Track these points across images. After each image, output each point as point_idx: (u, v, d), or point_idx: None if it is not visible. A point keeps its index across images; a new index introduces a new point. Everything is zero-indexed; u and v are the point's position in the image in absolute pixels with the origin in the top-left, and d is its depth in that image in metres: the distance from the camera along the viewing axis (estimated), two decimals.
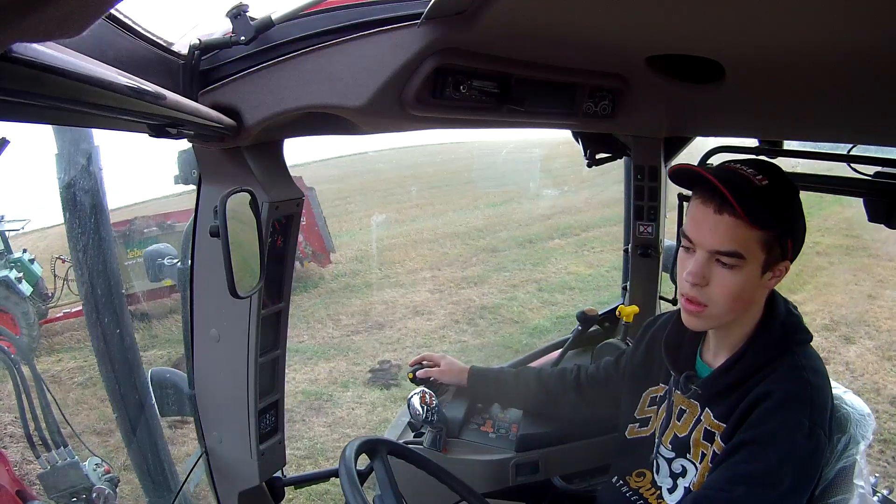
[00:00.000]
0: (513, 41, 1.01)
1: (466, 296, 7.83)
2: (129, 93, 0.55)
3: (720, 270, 0.98)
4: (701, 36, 0.93)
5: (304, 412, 5.04)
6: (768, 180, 0.98)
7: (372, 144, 20.90)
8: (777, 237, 0.98)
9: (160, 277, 1.51)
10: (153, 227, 7.23)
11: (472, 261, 9.50)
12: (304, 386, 5.52)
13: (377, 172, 17.69)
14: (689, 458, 1.09)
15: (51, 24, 0.35)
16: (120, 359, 2.13)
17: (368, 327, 6.94)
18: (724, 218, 0.96)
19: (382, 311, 7.44)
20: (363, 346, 6.32)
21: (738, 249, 0.96)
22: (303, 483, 1.58)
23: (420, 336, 6.56)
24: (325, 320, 7.18)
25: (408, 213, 13.00)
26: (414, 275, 8.88)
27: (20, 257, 7.09)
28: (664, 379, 1.21)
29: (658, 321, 1.30)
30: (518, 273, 8.75)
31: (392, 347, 6.26)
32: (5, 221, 7.13)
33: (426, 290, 8.15)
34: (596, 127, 1.57)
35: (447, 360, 1.55)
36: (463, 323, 6.95)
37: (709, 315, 1.02)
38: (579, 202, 12.67)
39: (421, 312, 7.32)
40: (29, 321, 6.45)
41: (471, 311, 7.28)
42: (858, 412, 1.12)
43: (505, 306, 7.39)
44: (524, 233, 10.97)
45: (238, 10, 0.92)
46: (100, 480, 1.70)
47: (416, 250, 10.15)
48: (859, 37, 0.78)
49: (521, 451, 1.47)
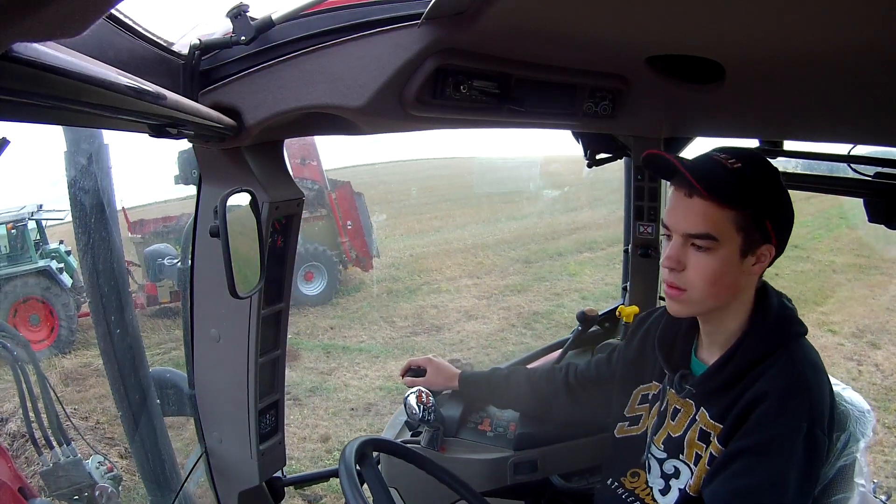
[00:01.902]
0: (513, 41, 1.01)
1: (514, 302, 8.09)
2: (129, 93, 0.55)
3: (695, 254, 0.99)
4: (701, 36, 0.94)
5: (389, 405, 5.23)
6: (741, 163, 0.98)
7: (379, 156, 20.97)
8: (752, 218, 0.97)
9: (160, 277, 1.51)
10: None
11: (510, 270, 9.78)
12: (381, 382, 5.73)
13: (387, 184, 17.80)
14: (683, 459, 1.08)
15: (51, 24, 0.35)
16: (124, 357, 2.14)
17: (426, 329, 7.18)
18: (694, 201, 0.97)
19: (434, 314, 7.72)
20: (427, 347, 6.52)
21: (709, 231, 0.97)
22: (303, 483, 1.58)
23: (482, 338, 6.81)
24: (379, 322, 7.41)
25: (430, 224, 13.26)
26: (455, 282, 9.18)
27: (57, 248, 7.05)
28: (658, 377, 1.18)
29: (651, 317, 1.28)
30: (558, 283, 9.06)
31: (457, 348, 6.48)
32: (44, 211, 7.09)
33: (472, 297, 8.43)
34: (596, 127, 1.57)
35: (434, 365, 1.54)
36: (520, 327, 7.23)
37: (688, 300, 1.01)
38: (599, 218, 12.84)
39: (474, 317, 7.59)
40: (69, 313, 6.47)
41: (524, 316, 7.55)
42: (858, 409, 1.11)
43: (555, 312, 7.70)
44: (553, 246, 11.25)
45: (238, 10, 0.92)
46: (102, 479, 1.70)
47: (450, 259, 10.45)
48: (859, 37, 0.78)
49: (519, 450, 1.47)
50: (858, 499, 1.04)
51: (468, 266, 10.12)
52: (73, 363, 6.21)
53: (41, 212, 7.07)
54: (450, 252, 10.91)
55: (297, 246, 1.24)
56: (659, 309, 1.28)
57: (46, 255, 6.85)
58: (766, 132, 1.56)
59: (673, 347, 1.15)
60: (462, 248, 11.17)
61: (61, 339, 6.47)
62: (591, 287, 8.80)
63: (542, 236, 11.95)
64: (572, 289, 8.74)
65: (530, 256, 10.61)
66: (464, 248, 11.22)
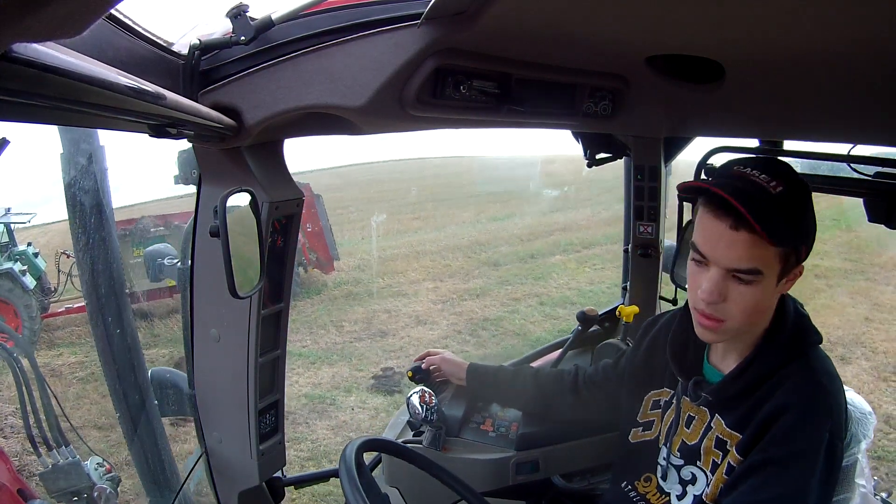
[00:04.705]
0: (513, 41, 1.01)
1: (469, 307, 7.90)
2: (129, 93, 0.55)
3: (738, 287, 0.94)
4: (701, 36, 0.93)
5: (307, 415, 5.07)
6: (783, 185, 0.93)
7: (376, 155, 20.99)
8: (794, 247, 0.95)
9: (160, 277, 1.51)
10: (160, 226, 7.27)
11: (475, 273, 9.59)
12: (308, 389, 5.55)
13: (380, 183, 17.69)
14: (700, 466, 1.07)
15: (51, 24, 0.35)
16: (122, 358, 2.14)
17: (371, 335, 7.00)
18: (740, 235, 0.91)
19: (385, 319, 7.52)
20: (366, 353, 6.38)
21: (756, 266, 0.92)
22: (303, 483, 1.58)
23: (423, 345, 6.58)
24: (328, 326, 7.25)
25: (410, 225, 13.05)
26: (416, 285, 8.96)
27: (24, 250, 7.15)
28: (669, 383, 1.17)
29: (658, 322, 1.27)
30: (520, 287, 8.79)
31: (395, 355, 6.31)
32: (11, 214, 7.19)
33: (429, 301, 8.22)
34: (596, 127, 1.57)
35: (447, 355, 1.56)
36: (465, 334, 7.01)
37: (726, 329, 0.98)
38: (582, 219, 12.67)
39: (423, 322, 7.40)
40: (31, 314, 6.51)
41: (473, 322, 7.36)
42: (859, 410, 1.12)
43: (507, 319, 7.46)
44: (526, 248, 11.00)
45: (238, 10, 0.92)
46: (101, 480, 1.70)
47: (418, 261, 10.24)
48: (859, 37, 0.78)
49: (521, 450, 1.47)
50: (859, 499, 1.05)
51: (435, 269, 9.87)
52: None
53: (8, 214, 7.15)
54: (420, 254, 10.66)
55: (297, 246, 1.24)
56: (667, 314, 1.28)
57: (13, 257, 6.92)
58: (765, 132, 1.56)
59: (685, 354, 1.13)
60: (434, 251, 10.87)
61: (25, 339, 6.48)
62: (554, 292, 8.51)
63: (517, 238, 11.73)
64: (533, 293, 8.45)
65: (500, 259, 10.35)
66: (436, 249, 10.92)
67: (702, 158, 1.70)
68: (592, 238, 11.21)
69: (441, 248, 11.11)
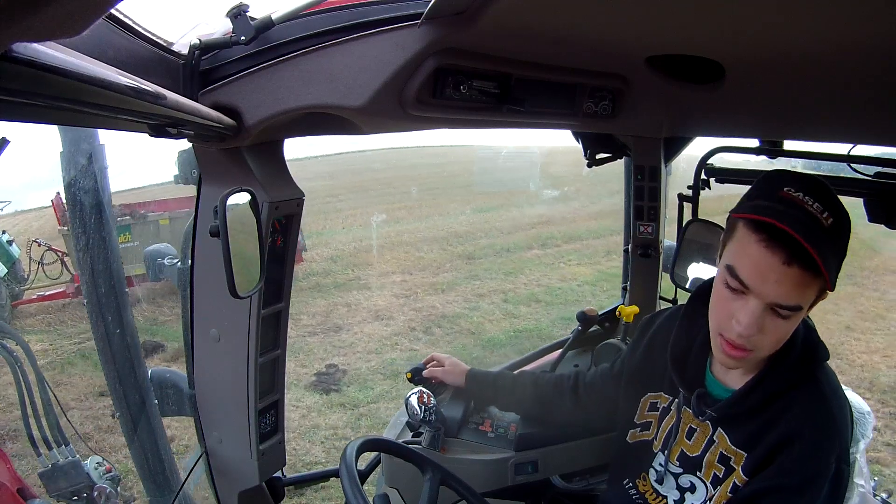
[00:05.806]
0: (513, 41, 1.01)
1: (430, 303, 7.69)
2: (129, 93, 0.55)
3: (775, 320, 0.90)
4: (701, 36, 0.94)
5: None
6: (832, 217, 0.87)
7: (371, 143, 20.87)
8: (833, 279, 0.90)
9: (160, 277, 1.51)
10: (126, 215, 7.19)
11: (446, 267, 9.36)
12: None
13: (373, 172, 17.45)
14: (700, 477, 1.06)
15: (51, 24, 0.35)
16: (122, 358, 2.14)
17: (326, 329, 6.82)
18: (792, 270, 0.85)
19: (344, 313, 7.36)
20: (315, 349, 6.21)
21: (801, 303, 0.89)
22: (303, 483, 1.58)
23: (374, 342, 6.43)
24: None
25: (394, 215, 12.83)
26: (385, 278, 8.76)
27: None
28: (668, 389, 1.15)
29: (656, 321, 1.25)
30: (489, 282, 8.51)
31: (343, 352, 6.15)
32: None
33: (391, 295, 8.01)
34: (596, 127, 1.57)
35: (451, 361, 1.55)
36: (419, 331, 6.77)
37: (753, 359, 0.96)
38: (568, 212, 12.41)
39: (381, 317, 7.22)
40: (1, 301, 6.47)
41: (430, 318, 7.15)
42: (858, 410, 1.12)
43: (465, 316, 7.20)
44: (504, 241, 10.76)
45: (238, 10, 0.92)
46: (101, 479, 1.70)
47: (392, 253, 10.05)
48: (859, 37, 0.78)
49: (520, 451, 1.47)
50: (858, 499, 1.05)
51: (407, 261, 9.62)
52: None
53: None
54: (396, 245, 10.44)
55: (297, 245, 1.24)
56: (665, 312, 1.27)
57: None
58: (765, 132, 1.56)
59: (686, 363, 1.11)
60: (410, 241, 10.66)
61: None
62: (522, 289, 8.16)
63: (498, 230, 11.43)
64: (499, 290, 8.14)
65: (476, 252, 10.06)
66: (413, 240, 10.71)
67: (702, 158, 1.70)
68: (574, 232, 10.91)
69: (418, 239, 10.85)
